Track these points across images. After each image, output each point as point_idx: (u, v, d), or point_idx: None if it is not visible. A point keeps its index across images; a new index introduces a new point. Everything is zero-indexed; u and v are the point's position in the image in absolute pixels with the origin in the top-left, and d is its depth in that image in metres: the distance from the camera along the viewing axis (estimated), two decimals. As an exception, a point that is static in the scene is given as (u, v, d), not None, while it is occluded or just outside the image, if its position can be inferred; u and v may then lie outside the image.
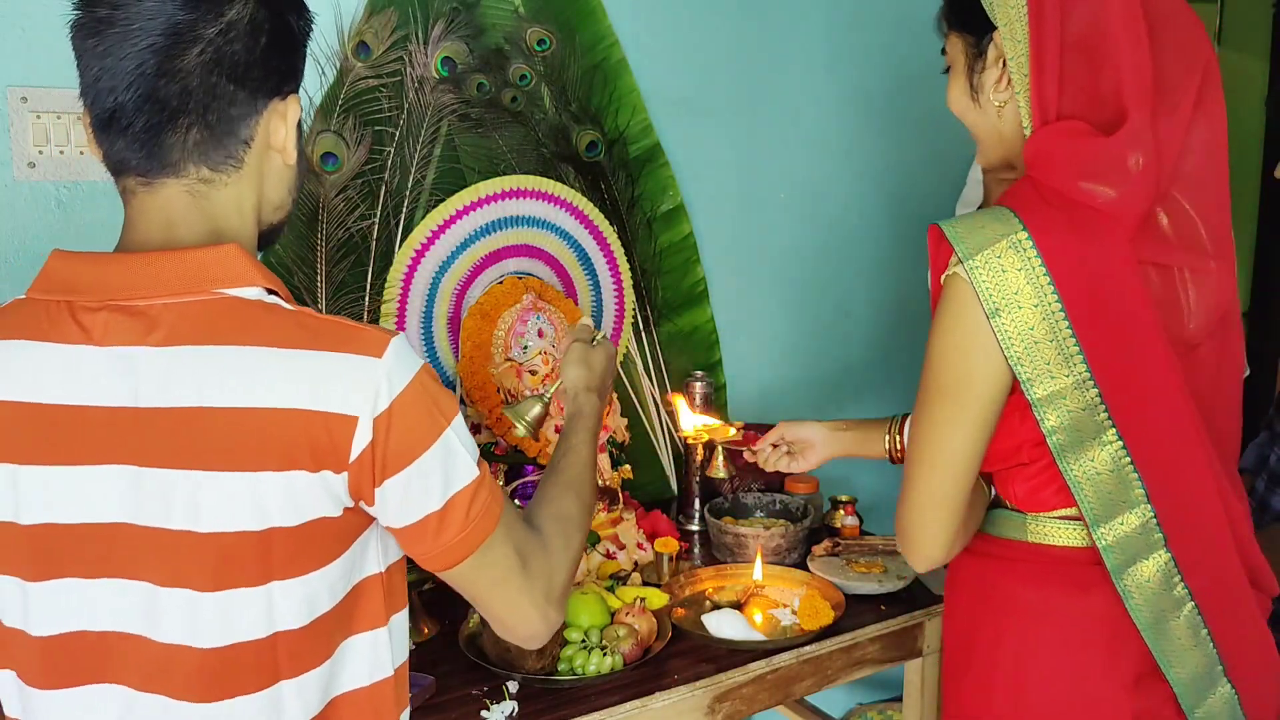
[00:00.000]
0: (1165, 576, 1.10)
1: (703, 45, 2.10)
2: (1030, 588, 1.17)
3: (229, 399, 0.84)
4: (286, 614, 0.88)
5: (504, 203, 1.83)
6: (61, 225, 1.53)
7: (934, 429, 1.11)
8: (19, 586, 0.90)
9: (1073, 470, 1.09)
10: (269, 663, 0.89)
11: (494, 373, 1.81)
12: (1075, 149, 1.08)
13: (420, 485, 0.90)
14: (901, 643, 1.65)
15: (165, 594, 0.87)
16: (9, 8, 1.47)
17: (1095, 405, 1.07)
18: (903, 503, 1.14)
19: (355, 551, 0.93)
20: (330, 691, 0.94)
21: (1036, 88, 1.10)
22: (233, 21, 0.88)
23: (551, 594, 1.00)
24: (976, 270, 1.05)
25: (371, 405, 0.86)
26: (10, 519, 0.88)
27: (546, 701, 1.36)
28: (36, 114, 1.50)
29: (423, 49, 1.74)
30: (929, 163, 2.39)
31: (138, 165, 0.89)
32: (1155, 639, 1.12)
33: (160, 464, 0.85)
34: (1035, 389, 1.07)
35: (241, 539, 0.85)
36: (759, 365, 2.28)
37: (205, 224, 0.91)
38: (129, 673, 0.89)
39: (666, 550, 1.74)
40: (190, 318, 0.86)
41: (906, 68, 2.35)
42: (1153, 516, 1.09)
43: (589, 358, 1.34)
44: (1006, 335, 1.05)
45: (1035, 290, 1.05)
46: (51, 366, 0.87)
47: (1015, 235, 1.05)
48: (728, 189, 2.18)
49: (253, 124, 0.92)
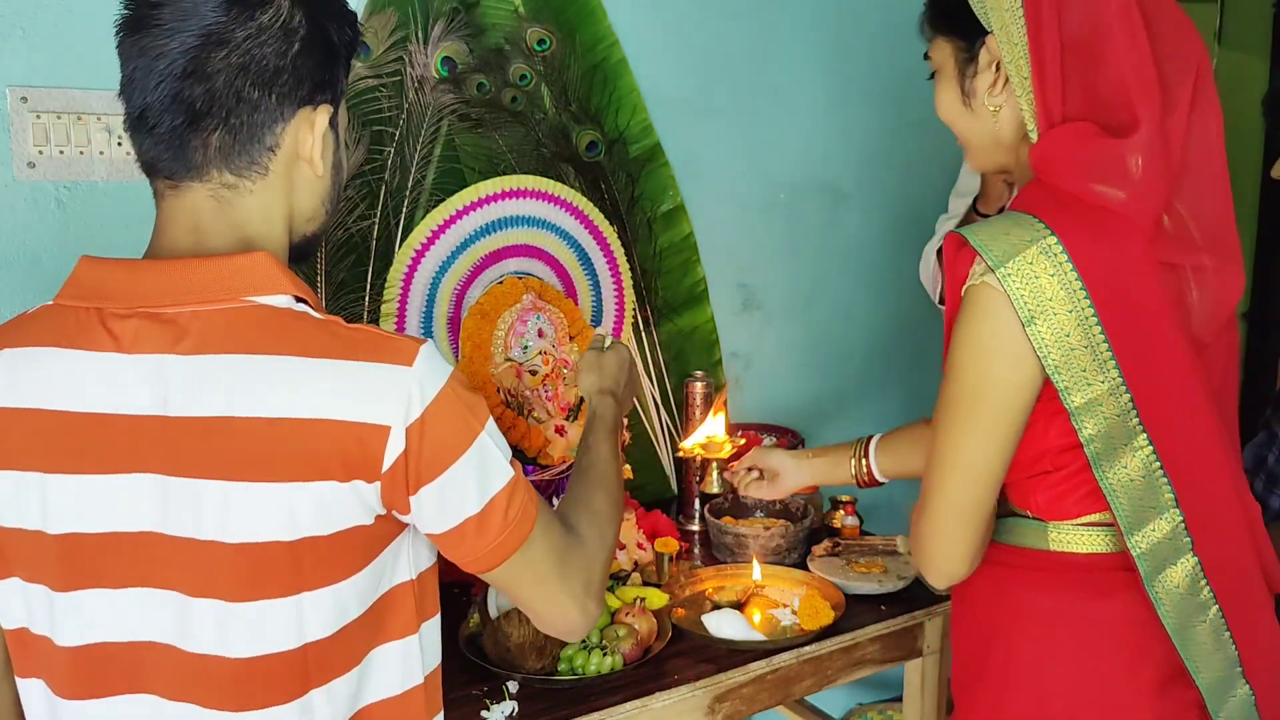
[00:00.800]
0: (1192, 581, 1.09)
1: (703, 45, 2.10)
2: (1049, 596, 1.15)
3: (258, 409, 0.83)
4: (316, 623, 0.88)
5: (504, 203, 1.83)
6: (61, 225, 1.53)
7: (962, 440, 1.08)
8: (47, 596, 0.89)
9: (1108, 478, 1.07)
10: (299, 673, 0.89)
11: (494, 373, 1.81)
12: (1086, 152, 1.07)
13: (456, 491, 0.89)
14: (901, 643, 1.65)
15: (195, 604, 0.86)
16: (9, 8, 1.47)
17: (1128, 410, 1.06)
18: (924, 518, 1.12)
19: (386, 559, 0.93)
20: (359, 700, 0.93)
21: (1039, 91, 1.09)
22: (264, 25, 0.87)
23: (590, 588, 1.01)
24: (1009, 278, 1.02)
25: (404, 414, 0.85)
26: (39, 528, 0.88)
27: (546, 701, 1.36)
28: (36, 114, 1.50)
29: (423, 49, 1.74)
30: (929, 162, 2.38)
31: (164, 167, 0.89)
32: (1183, 644, 1.10)
33: (189, 473, 0.84)
34: (1073, 397, 1.05)
35: (272, 549, 0.85)
36: (759, 366, 2.28)
37: (233, 231, 0.90)
38: (159, 683, 0.89)
39: (666, 550, 1.74)
40: (219, 326, 0.86)
41: (906, 67, 2.35)
42: (1181, 521, 1.08)
43: (600, 363, 1.36)
44: (1043, 343, 1.03)
45: (1069, 295, 1.02)
46: (80, 374, 0.86)
47: (1045, 240, 1.03)
48: (728, 189, 2.18)
49: (279, 131, 0.90)
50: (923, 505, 1.12)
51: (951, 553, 1.11)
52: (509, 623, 1.42)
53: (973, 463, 1.08)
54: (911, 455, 1.49)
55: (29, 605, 0.91)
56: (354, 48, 0.97)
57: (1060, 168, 1.09)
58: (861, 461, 1.51)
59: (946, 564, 1.11)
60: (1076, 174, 1.07)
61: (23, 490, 0.87)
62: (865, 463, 1.51)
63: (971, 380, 1.07)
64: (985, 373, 1.07)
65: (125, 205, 1.56)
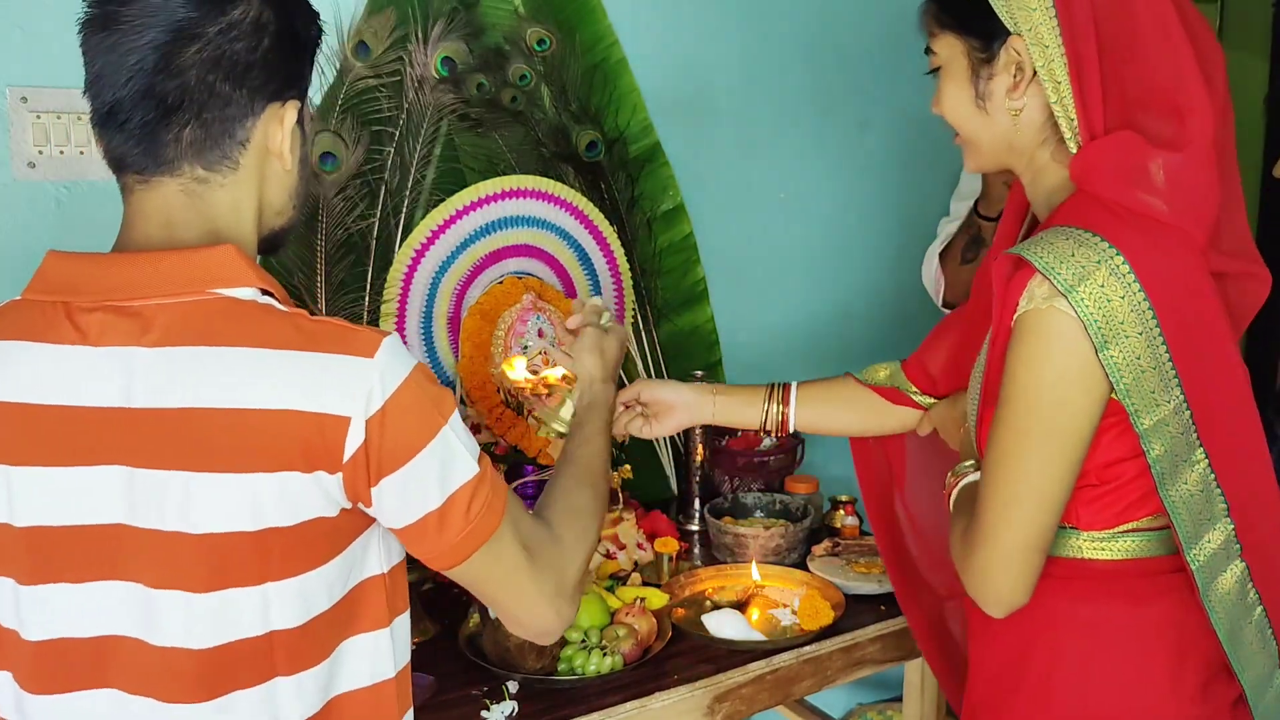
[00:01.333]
0: (1241, 585, 1.09)
1: (703, 45, 2.10)
2: (1088, 605, 1.13)
3: (222, 400, 0.84)
4: (282, 613, 0.88)
5: (504, 203, 1.83)
6: (61, 225, 1.53)
7: (1033, 469, 1.04)
8: (13, 589, 0.89)
9: (1171, 495, 1.06)
10: (265, 660, 0.89)
11: (494, 373, 1.81)
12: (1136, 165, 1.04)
13: (418, 484, 0.89)
14: (901, 643, 1.65)
15: (159, 596, 0.86)
16: (9, 8, 1.47)
17: (1189, 427, 1.05)
18: (984, 552, 1.07)
19: (355, 552, 0.93)
20: (330, 691, 0.93)
21: (1080, 100, 1.05)
22: (235, 21, 0.88)
23: (563, 588, 1.00)
24: (1083, 303, 0.99)
25: (364, 406, 0.86)
26: (5, 520, 0.88)
27: (546, 701, 1.36)
28: (36, 114, 1.50)
29: (422, 49, 1.74)
30: (928, 162, 2.38)
31: (134, 162, 0.90)
32: (1233, 648, 1.10)
33: (154, 465, 0.85)
34: (1143, 420, 1.03)
35: (236, 539, 0.85)
36: (759, 366, 2.28)
37: (202, 224, 0.91)
38: (121, 677, 0.89)
39: (666, 550, 1.74)
40: (184, 318, 0.86)
41: (907, 66, 2.35)
42: (1233, 529, 1.08)
43: (603, 345, 1.33)
44: (1116, 367, 1.01)
45: (1138, 317, 1.00)
46: (47, 367, 0.87)
47: (1112, 261, 1.00)
48: (728, 189, 2.18)
49: (249, 126, 0.91)
50: (985, 538, 1.07)
51: (1017, 584, 1.07)
52: (509, 623, 1.42)
53: (1044, 493, 1.05)
54: (836, 413, 1.46)
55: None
56: (318, 44, 0.98)
57: (1107, 179, 1.05)
58: (779, 408, 1.44)
59: (1013, 596, 1.08)
60: (1125, 186, 1.04)
61: None
62: (784, 410, 1.45)
63: (1041, 409, 1.04)
64: (1055, 400, 1.03)
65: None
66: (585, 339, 1.34)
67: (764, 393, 1.46)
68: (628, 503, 1.85)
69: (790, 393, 1.46)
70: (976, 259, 1.87)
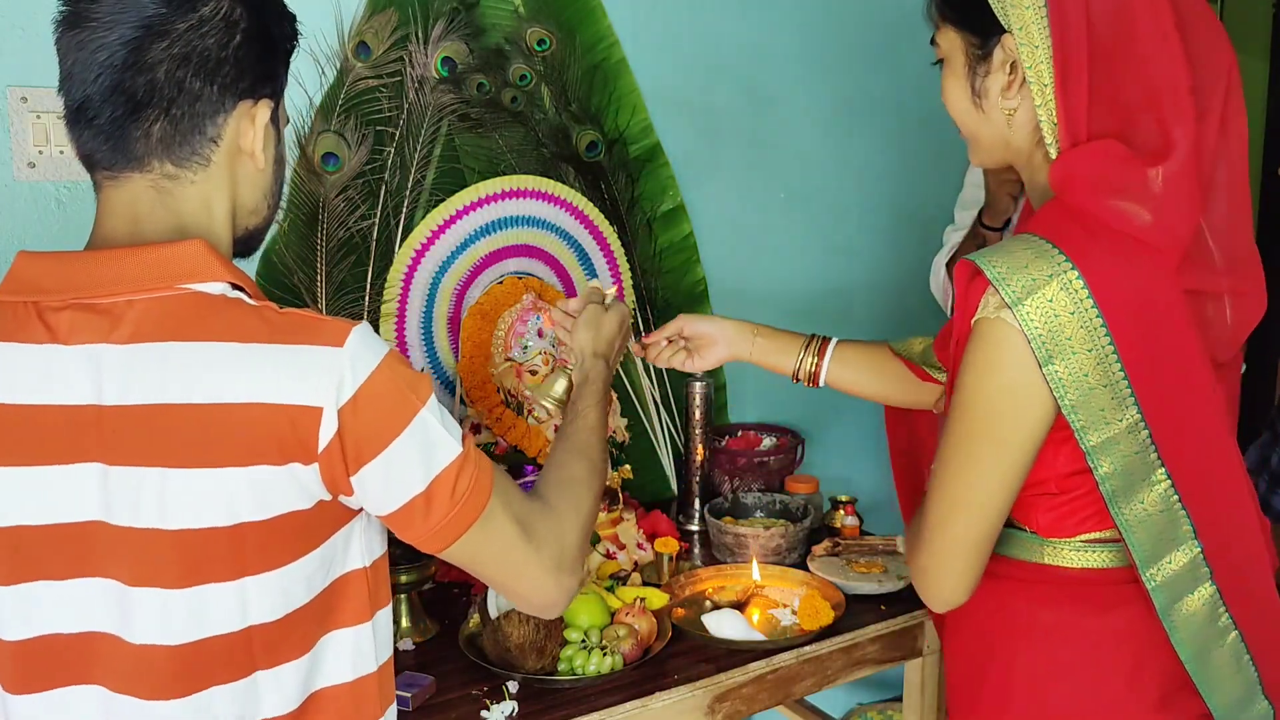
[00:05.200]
0: (1211, 609, 1.07)
1: (703, 45, 2.10)
2: (1048, 609, 1.13)
3: (193, 395, 0.84)
4: (261, 607, 0.88)
5: (504, 203, 1.83)
6: (61, 225, 1.53)
7: (972, 475, 1.05)
8: None
9: (1124, 514, 1.04)
10: (243, 654, 0.89)
11: (494, 373, 1.81)
12: (1113, 176, 1.01)
13: (400, 469, 0.89)
14: (901, 643, 1.65)
15: (135, 593, 0.86)
16: (9, 8, 1.47)
17: (1146, 447, 1.02)
18: (926, 548, 1.08)
19: (335, 545, 0.93)
20: (310, 685, 0.94)
21: (1063, 104, 1.02)
22: (205, 17, 0.88)
23: (563, 559, 1.00)
24: (1028, 317, 0.98)
25: (335, 395, 0.85)
26: None
27: (546, 701, 1.36)
28: (36, 114, 1.50)
29: (423, 49, 1.74)
30: (929, 162, 2.39)
31: (104, 159, 0.90)
32: (1199, 669, 1.08)
33: (127, 462, 0.85)
34: (1090, 437, 1.01)
35: (211, 535, 0.85)
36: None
37: (171, 220, 0.91)
38: (105, 674, 0.89)
39: (666, 550, 1.74)
40: (154, 314, 0.86)
41: (907, 67, 2.35)
42: (1200, 552, 1.05)
43: (600, 321, 1.33)
44: (1060, 383, 0.99)
45: (1089, 334, 0.98)
46: (18, 367, 0.87)
47: (1065, 275, 0.98)
48: (728, 189, 2.18)
49: (220, 122, 0.91)
50: (926, 539, 1.08)
51: (957, 584, 1.08)
52: (509, 623, 1.42)
53: (982, 500, 1.05)
54: (867, 378, 1.47)
55: None
56: (293, 44, 0.98)
57: (1084, 189, 1.03)
58: (814, 360, 1.45)
59: (951, 595, 1.08)
60: (1101, 196, 1.02)
61: None
62: (818, 363, 1.45)
63: (985, 417, 1.03)
64: (999, 410, 1.03)
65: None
66: (583, 316, 1.34)
67: (802, 342, 1.47)
68: (628, 503, 1.85)
69: (828, 347, 1.46)
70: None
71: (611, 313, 1.35)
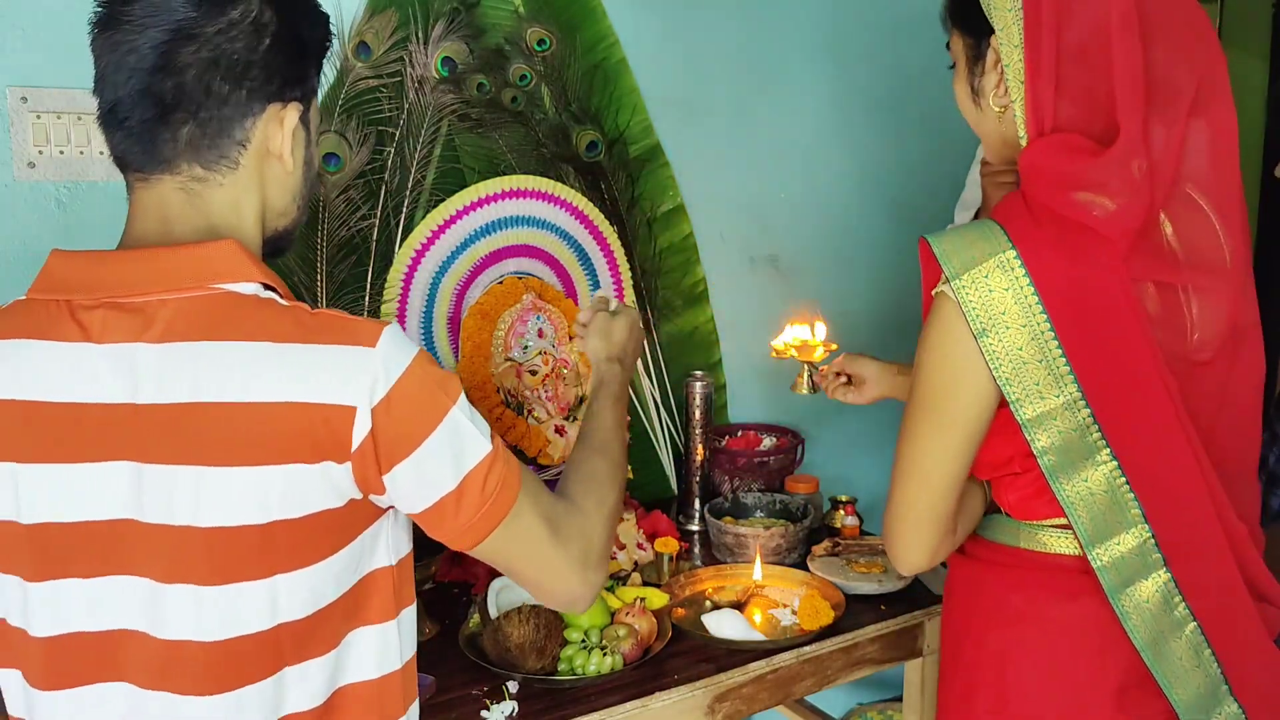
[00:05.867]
0: (1165, 597, 1.09)
1: (703, 45, 2.10)
2: (1019, 593, 1.16)
3: (227, 394, 0.84)
4: (291, 605, 0.89)
5: (504, 203, 1.83)
6: (61, 225, 1.53)
7: (917, 442, 1.11)
8: (20, 586, 0.90)
9: (1065, 490, 1.08)
10: (272, 652, 0.89)
11: (494, 373, 1.81)
12: (1067, 164, 1.06)
13: (432, 468, 0.90)
14: (901, 643, 1.65)
15: (168, 590, 0.87)
16: (9, 8, 1.47)
17: (1088, 426, 1.06)
18: (887, 512, 1.15)
19: (364, 544, 0.93)
20: (336, 682, 0.94)
21: (1030, 98, 1.08)
22: (235, 21, 0.88)
23: (589, 556, 1.01)
24: (964, 290, 1.05)
25: (369, 395, 0.86)
26: (11, 518, 0.88)
27: (546, 701, 1.36)
28: (36, 114, 1.50)
29: (423, 49, 1.74)
30: (929, 162, 2.39)
31: (135, 160, 0.90)
32: (1155, 660, 1.10)
33: (161, 460, 0.85)
34: (1024, 410, 1.06)
35: (244, 533, 0.85)
36: (759, 366, 2.28)
37: (201, 221, 0.91)
38: (134, 670, 0.89)
39: (666, 550, 1.74)
40: (186, 313, 0.86)
41: (906, 67, 2.35)
42: (1150, 537, 1.08)
43: (609, 328, 1.35)
44: (994, 355, 1.05)
45: (1023, 310, 1.04)
46: (51, 365, 0.87)
47: (1003, 254, 1.04)
48: (728, 189, 2.18)
49: (248, 126, 0.92)
50: (889, 503, 1.14)
51: (913, 548, 1.13)
52: (509, 623, 1.42)
53: (927, 468, 1.10)
54: None
55: (4, 596, 0.91)
56: (325, 47, 0.99)
57: (1041, 178, 1.08)
58: None
59: (911, 557, 1.14)
60: (1057, 185, 1.06)
61: None
62: None
63: (930, 387, 1.10)
64: (941, 380, 1.09)
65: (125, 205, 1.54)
66: (592, 325, 1.36)
67: None
68: (628, 503, 1.85)
69: None
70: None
71: (620, 318, 1.37)
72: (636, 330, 1.38)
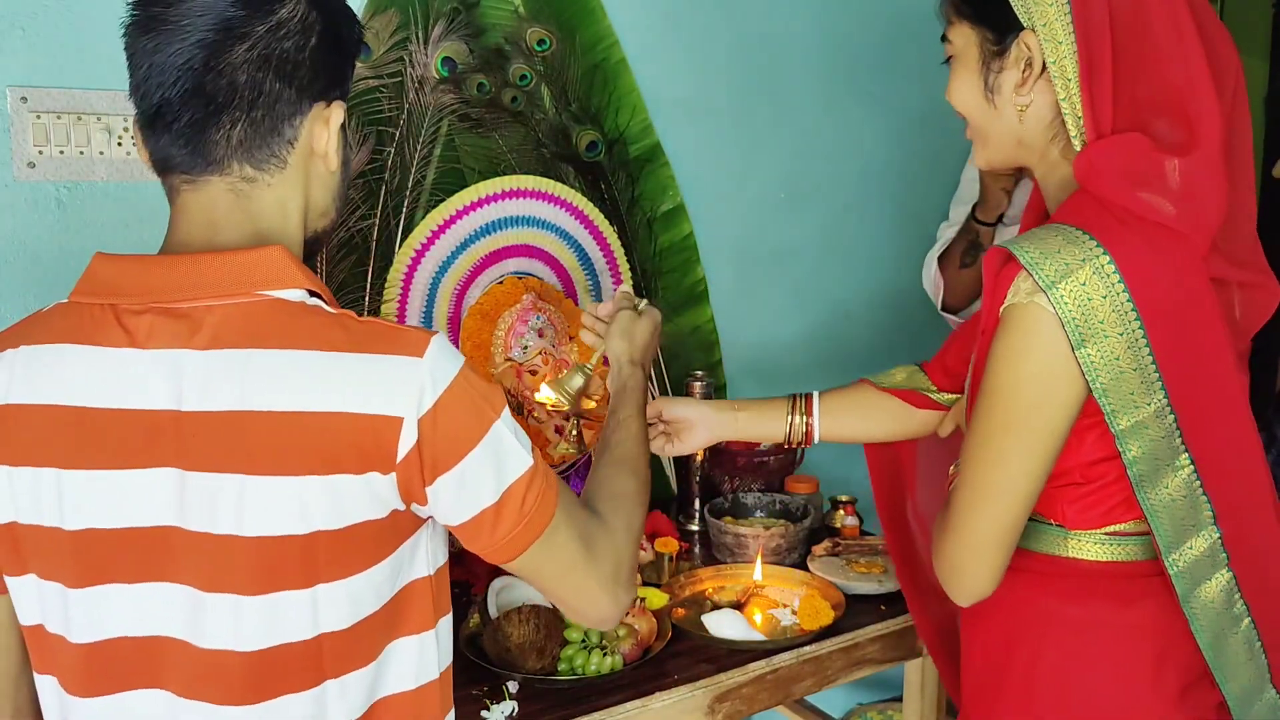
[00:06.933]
0: (1227, 595, 1.08)
1: (702, 45, 2.10)
2: (1072, 603, 1.13)
3: (273, 402, 0.84)
4: (331, 616, 0.88)
5: (504, 203, 1.83)
6: (61, 225, 1.53)
7: (1004, 466, 1.05)
8: (60, 593, 0.89)
9: (1150, 499, 1.06)
10: (314, 663, 0.89)
11: (494, 373, 1.81)
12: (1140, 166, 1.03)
13: (474, 480, 0.89)
14: (901, 643, 1.65)
15: (208, 599, 0.86)
16: (9, 8, 1.47)
17: (1172, 431, 1.04)
18: (954, 540, 1.09)
19: (403, 554, 0.92)
20: (375, 693, 0.93)
21: (1089, 99, 1.04)
22: (284, 20, 0.88)
23: (620, 575, 1.00)
24: (1063, 300, 0.99)
25: (416, 405, 0.86)
26: (55, 524, 0.88)
27: (546, 701, 1.36)
28: (36, 114, 1.49)
29: (423, 49, 1.74)
30: (929, 162, 2.39)
31: (182, 162, 0.89)
32: (1215, 657, 1.10)
33: (205, 468, 0.84)
34: (1120, 420, 1.03)
35: (286, 542, 0.85)
36: (759, 366, 2.28)
37: (249, 224, 0.91)
38: (172, 678, 0.88)
39: (666, 550, 1.74)
40: (233, 320, 0.86)
41: (906, 67, 2.35)
42: (1219, 538, 1.07)
43: (632, 329, 1.33)
44: (1093, 367, 1.01)
45: (1120, 318, 1.00)
46: (96, 370, 0.86)
47: (1097, 260, 1.00)
48: (728, 189, 2.18)
49: (297, 124, 0.91)
50: (955, 528, 1.08)
51: (986, 577, 1.08)
52: (509, 623, 1.42)
53: (1015, 487, 1.05)
54: (859, 421, 1.45)
55: (44, 602, 0.91)
56: (359, 47, 0.99)
57: (1111, 180, 1.04)
58: (803, 420, 1.43)
59: (977, 585, 1.09)
60: (1127, 187, 1.03)
61: (40, 486, 0.87)
62: (808, 421, 1.43)
63: (1017, 403, 1.04)
64: (1032, 395, 1.03)
65: (125, 205, 1.56)
66: (616, 323, 1.34)
67: (786, 405, 1.44)
68: (628, 503, 1.85)
69: (813, 404, 1.45)
70: (975, 263, 1.88)
71: (645, 319, 1.35)
72: (658, 333, 1.36)
